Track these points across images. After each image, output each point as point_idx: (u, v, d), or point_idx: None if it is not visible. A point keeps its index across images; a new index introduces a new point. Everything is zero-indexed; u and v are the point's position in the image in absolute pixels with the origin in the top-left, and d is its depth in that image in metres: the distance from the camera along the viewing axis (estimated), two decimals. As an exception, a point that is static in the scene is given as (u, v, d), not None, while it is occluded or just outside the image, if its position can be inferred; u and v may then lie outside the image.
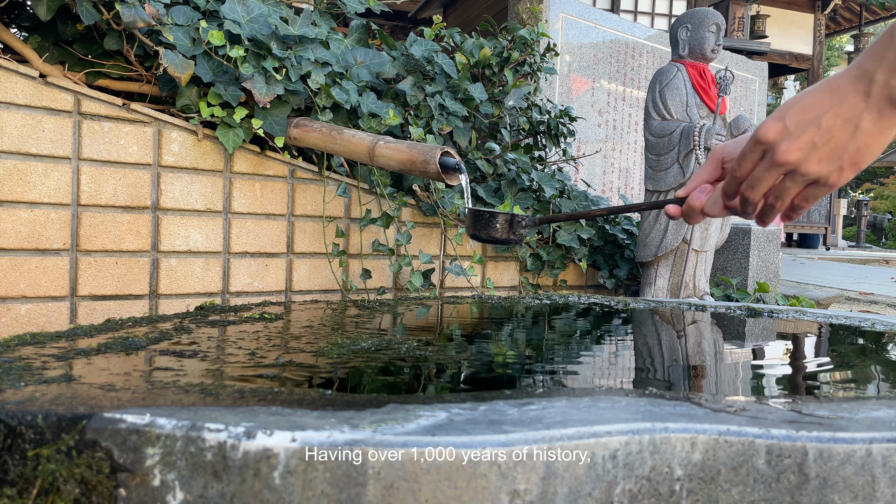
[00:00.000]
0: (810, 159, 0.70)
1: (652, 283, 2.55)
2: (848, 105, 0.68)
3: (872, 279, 5.94)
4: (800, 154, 0.70)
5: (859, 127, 0.68)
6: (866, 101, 0.67)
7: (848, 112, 0.68)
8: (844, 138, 0.69)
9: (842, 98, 0.68)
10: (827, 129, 0.69)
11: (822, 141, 0.69)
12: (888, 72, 0.65)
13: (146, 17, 1.66)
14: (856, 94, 0.68)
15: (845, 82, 0.68)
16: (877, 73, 0.66)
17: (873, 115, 0.67)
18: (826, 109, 0.69)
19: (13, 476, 0.57)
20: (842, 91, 0.68)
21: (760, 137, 0.72)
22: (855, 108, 0.68)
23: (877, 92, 0.66)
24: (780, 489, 0.60)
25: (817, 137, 0.69)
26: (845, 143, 0.69)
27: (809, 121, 0.69)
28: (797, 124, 0.70)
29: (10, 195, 1.58)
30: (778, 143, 0.71)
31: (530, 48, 2.50)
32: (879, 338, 1.31)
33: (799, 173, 0.72)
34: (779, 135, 0.71)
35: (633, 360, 1.03)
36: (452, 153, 1.52)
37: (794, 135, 0.70)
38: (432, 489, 0.54)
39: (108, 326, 1.07)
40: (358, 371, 0.87)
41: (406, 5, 8.55)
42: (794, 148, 0.70)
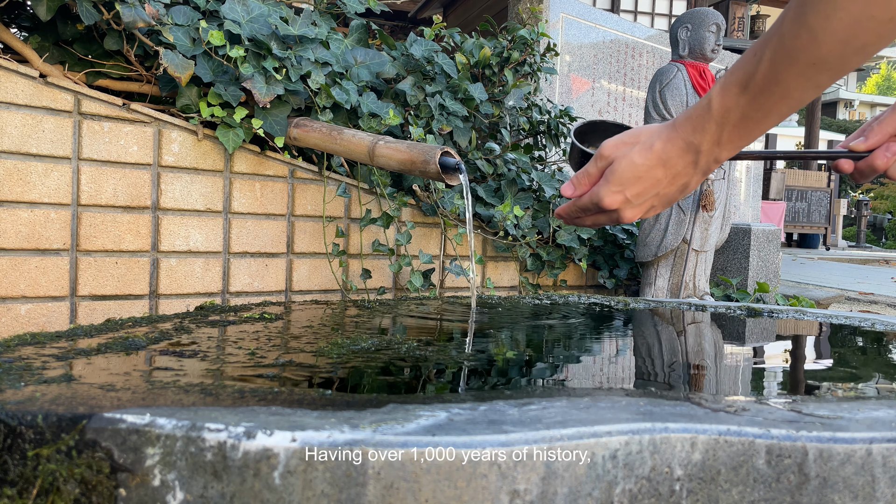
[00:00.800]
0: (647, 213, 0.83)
1: (652, 283, 2.55)
2: (681, 176, 0.77)
3: (872, 279, 5.94)
4: (640, 215, 0.82)
5: (689, 186, 0.79)
6: (695, 168, 0.76)
7: (681, 181, 0.78)
8: (675, 196, 0.80)
9: (674, 171, 0.77)
10: (663, 195, 0.80)
11: (659, 203, 0.81)
12: (711, 143, 0.73)
13: (146, 17, 1.66)
14: (686, 166, 0.76)
15: (674, 156, 0.76)
16: (703, 145, 0.74)
17: (699, 176, 0.78)
18: (661, 182, 0.78)
19: (13, 476, 0.57)
20: (673, 164, 0.77)
21: (606, 206, 0.82)
22: (686, 177, 0.77)
23: (704, 160, 0.75)
24: (780, 489, 0.60)
25: (656, 202, 0.81)
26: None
27: (648, 192, 0.79)
28: (637, 195, 0.79)
29: (10, 195, 1.58)
30: (621, 211, 0.81)
31: (530, 48, 2.50)
32: (879, 338, 1.31)
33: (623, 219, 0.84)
34: (621, 205, 0.81)
35: (633, 360, 1.03)
36: (452, 153, 1.52)
37: (634, 204, 0.80)
38: (432, 489, 0.54)
39: (108, 326, 1.07)
40: (358, 371, 0.87)
41: (406, 5, 8.55)
42: (636, 213, 0.82)
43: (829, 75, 0.64)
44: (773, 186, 10.10)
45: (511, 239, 2.36)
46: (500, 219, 2.26)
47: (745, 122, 0.70)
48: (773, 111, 0.68)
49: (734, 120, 0.70)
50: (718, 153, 0.73)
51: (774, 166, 10.46)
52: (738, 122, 0.70)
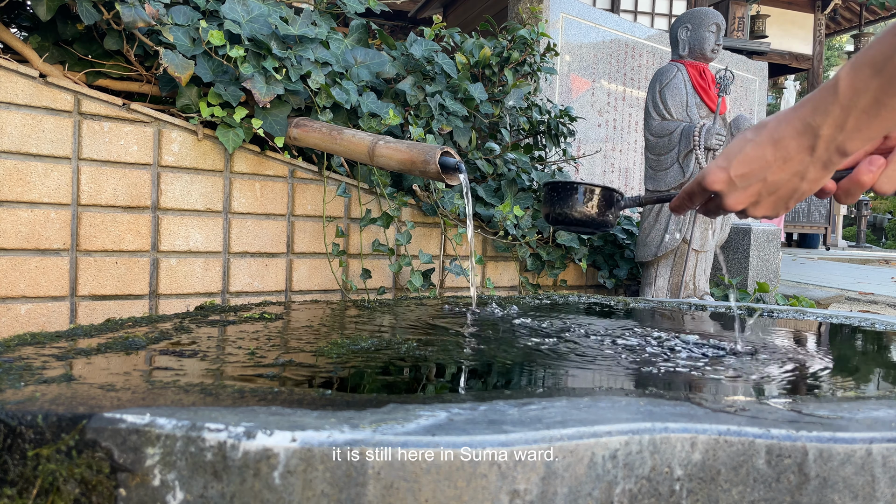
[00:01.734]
0: (757, 207, 0.73)
1: (652, 283, 2.55)
2: (793, 161, 0.68)
3: (872, 279, 5.94)
4: (746, 205, 0.74)
5: (805, 178, 0.69)
6: (811, 156, 0.67)
7: (794, 168, 0.69)
8: (789, 189, 0.70)
9: (786, 153, 0.68)
10: (772, 182, 0.71)
11: (768, 193, 0.71)
12: (833, 128, 0.64)
13: (146, 17, 1.66)
14: (800, 150, 0.67)
15: (788, 136, 0.68)
16: (822, 128, 0.65)
17: (818, 167, 0.68)
18: (770, 164, 0.69)
19: (13, 476, 0.57)
20: (785, 146, 0.68)
21: (708, 185, 0.74)
22: (800, 164, 0.68)
23: (822, 146, 0.66)
24: (780, 489, 0.60)
25: (763, 190, 0.72)
26: (790, 193, 0.71)
27: (754, 174, 0.71)
28: (742, 177, 0.71)
29: (10, 195, 1.58)
30: (725, 195, 0.74)
31: (530, 48, 2.50)
32: (879, 338, 1.31)
33: (746, 215, 0.75)
34: (724, 186, 0.73)
35: (633, 359, 1.03)
36: (452, 153, 1.52)
37: (739, 187, 0.72)
38: (432, 489, 0.54)
39: (108, 326, 1.07)
40: (358, 371, 0.87)
41: (406, 5, 8.55)
42: (741, 200, 0.73)
43: None
44: (773, 186, 10.06)
45: (511, 239, 2.36)
46: (500, 219, 2.26)
47: (877, 108, 0.61)
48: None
49: (864, 104, 0.61)
50: (842, 141, 0.64)
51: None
52: (868, 107, 0.61)
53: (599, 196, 0.82)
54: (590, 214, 0.83)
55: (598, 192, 0.83)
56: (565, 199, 0.84)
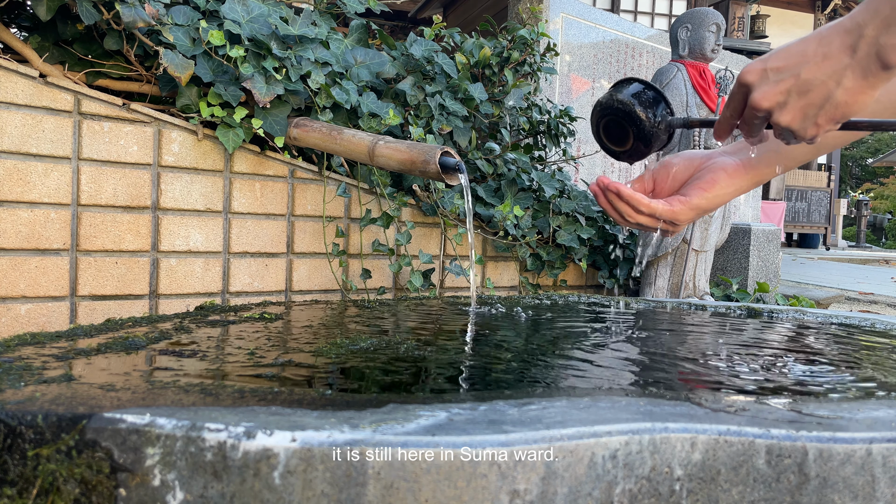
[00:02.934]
0: (784, 110, 0.67)
1: (652, 283, 2.55)
2: (832, 59, 0.63)
3: (872, 279, 5.94)
4: (772, 103, 0.67)
5: (840, 84, 0.63)
6: (852, 57, 0.62)
7: (831, 67, 0.63)
8: (822, 94, 0.64)
9: (827, 49, 0.63)
10: (805, 80, 0.64)
11: (798, 92, 0.65)
12: (879, 27, 0.60)
13: (146, 17, 1.66)
14: (842, 48, 0.62)
15: (834, 33, 0.63)
16: (868, 27, 0.60)
17: (857, 73, 0.62)
18: (808, 59, 0.64)
19: (13, 476, 0.57)
20: (828, 42, 0.63)
21: (740, 78, 0.69)
22: (839, 63, 0.63)
23: (864, 48, 0.61)
24: (780, 489, 0.60)
25: (794, 88, 0.65)
26: (823, 98, 0.64)
27: (789, 68, 0.65)
28: (776, 70, 0.66)
29: (10, 195, 1.58)
30: (755, 87, 0.68)
31: (530, 48, 2.50)
32: (879, 337, 1.31)
33: (773, 122, 0.68)
34: (757, 78, 0.67)
35: (633, 359, 1.03)
36: (452, 153, 1.52)
37: (770, 80, 0.67)
38: (432, 489, 0.54)
39: (108, 326, 1.07)
40: (358, 371, 0.87)
41: (406, 5, 8.55)
42: (768, 96, 0.67)
43: None
44: (773, 186, 10.10)
45: (511, 239, 2.36)
46: (500, 219, 2.26)
47: None
48: None
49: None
50: (885, 45, 0.59)
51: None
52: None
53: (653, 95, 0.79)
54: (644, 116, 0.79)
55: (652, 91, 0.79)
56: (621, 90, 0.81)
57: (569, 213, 2.45)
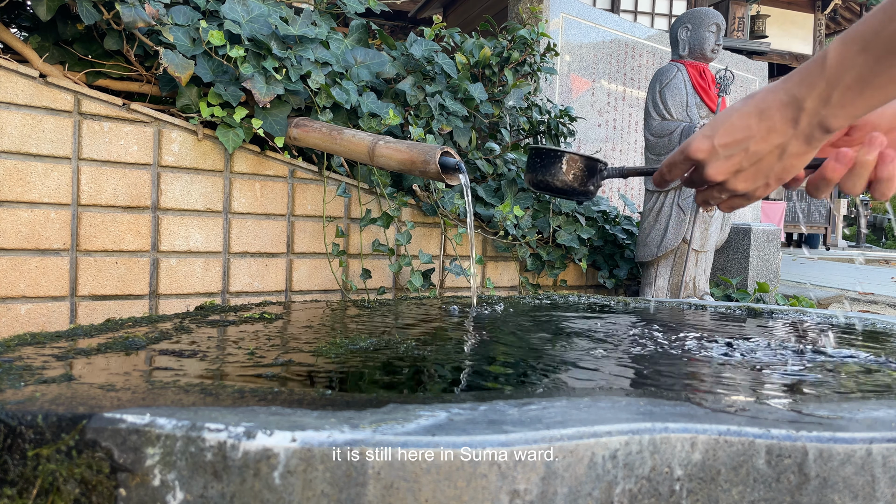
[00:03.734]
0: (737, 179, 0.72)
1: (652, 283, 2.55)
2: (777, 132, 0.68)
3: (872, 279, 5.94)
4: (727, 175, 0.72)
5: (786, 151, 0.68)
6: (794, 128, 0.67)
7: (776, 139, 0.68)
8: (771, 162, 0.70)
9: (770, 124, 0.68)
10: (754, 153, 0.70)
11: (749, 164, 0.71)
12: (818, 101, 0.64)
13: (146, 17, 1.66)
14: (784, 122, 0.67)
15: (773, 107, 0.68)
16: (806, 101, 0.65)
17: (800, 141, 0.67)
18: (753, 134, 0.69)
19: (13, 476, 0.57)
20: (770, 116, 0.68)
21: (691, 154, 0.74)
22: (783, 136, 0.68)
23: (806, 120, 0.66)
24: (780, 489, 0.60)
25: (744, 161, 0.71)
26: (771, 165, 0.70)
27: (737, 143, 0.70)
28: (725, 146, 0.71)
29: (10, 195, 1.58)
30: (707, 163, 0.73)
31: (530, 48, 2.50)
32: (879, 337, 1.31)
33: (726, 189, 0.74)
34: (707, 155, 0.72)
35: (633, 359, 1.03)
36: (452, 153, 1.52)
37: (721, 156, 0.71)
38: (432, 489, 0.54)
39: (108, 326, 1.07)
40: (358, 371, 0.87)
41: (406, 5, 8.55)
42: (722, 170, 0.72)
43: None
44: (773, 186, 10.07)
45: (511, 239, 2.36)
46: (500, 219, 2.26)
47: (861, 85, 0.61)
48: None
49: (849, 80, 0.61)
50: (825, 116, 0.64)
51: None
52: (853, 83, 0.61)
53: (581, 165, 0.82)
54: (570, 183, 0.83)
55: (580, 161, 0.82)
56: (548, 166, 0.84)
57: (569, 213, 2.45)
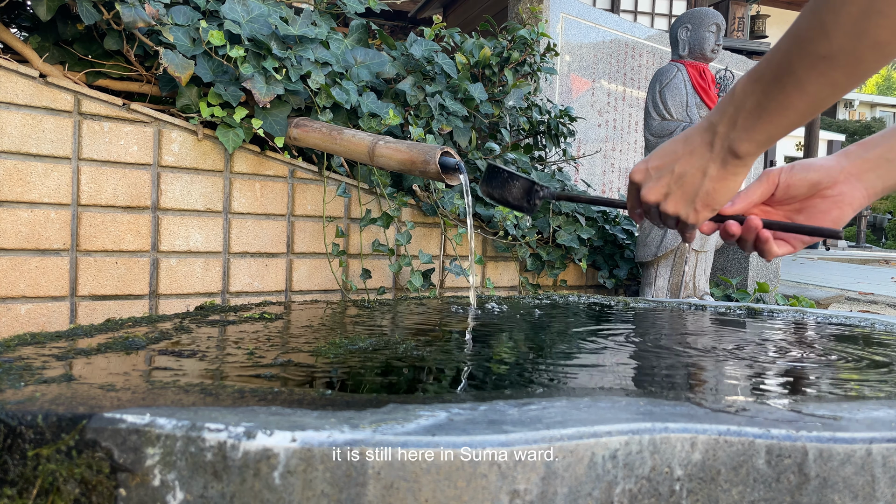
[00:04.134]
0: (668, 201, 0.78)
1: (652, 283, 2.55)
2: (697, 155, 0.75)
3: (872, 279, 5.94)
4: (658, 196, 0.79)
5: (706, 174, 0.75)
6: (711, 151, 0.73)
7: (697, 161, 0.75)
8: (695, 184, 0.76)
9: (692, 148, 0.75)
10: (679, 174, 0.76)
11: (676, 186, 0.77)
12: (727, 125, 0.71)
13: (146, 17, 1.66)
14: (703, 145, 0.74)
15: (696, 133, 0.75)
16: (719, 126, 0.72)
17: (717, 164, 0.74)
18: (679, 157, 0.76)
19: (13, 476, 0.57)
20: (692, 141, 0.75)
21: (630, 177, 0.82)
22: (702, 158, 0.74)
23: (718, 143, 0.73)
24: (780, 489, 0.60)
25: (672, 182, 0.77)
26: (696, 187, 0.76)
27: (665, 166, 0.77)
28: (656, 168, 0.78)
29: (10, 195, 1.58)
30: (641, 185, 0.80)
31: (530, 48, 2.50)
32: (879, 337, 1.31)
33: (661, 211, 0.80)
34: (641, 177, 0.80)
35: (633, 359, 1.03)
36: (452, 153, 1.52)
37: (653, 178, 0.79)
38: (432, 489, 0.54)
39: (108, 326, 1.07)
40: (357, 371, 0.87)
41: (406, 5, 8.55)
42: (654, 191, 0.79)
43: (845, 73, 0.62)
44: (773, 186, 10.07)
45: (511, 239, 2.36)
46: (499, 219, 2.26)
47: (759, 111, 0.68)
48: (787, 105, 0.66)
49: (749, 107, 0.69)
50: (733, 140, 0.71)
51: (774, 165, 10.47)
52: (752, 109, 0.69)
53: (520, 186, 0.98)
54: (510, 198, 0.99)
55: (519, 182, 0.98)
56: (493, 181, 1.01)
57: (569, 213, 2.45)
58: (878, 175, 0.79)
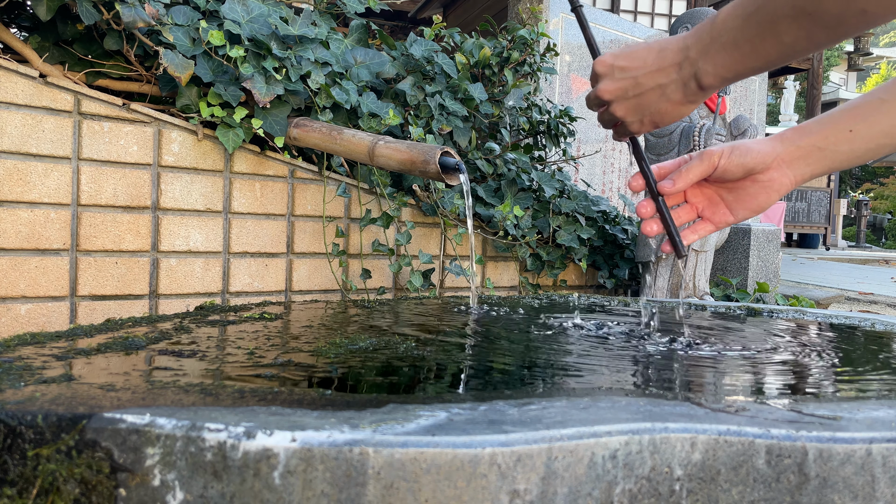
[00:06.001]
0: (619, 104, 0.78)
1: (652, 283, 2.55)
2: (664, 72, 0.74)
3: (872, 279, 5.94)
4: (612, 96, 0.78)
5: (665, 94, 0.74)
6: (678, 72, 0.73)
7: (662, 78, 0.74)
8: (651, 98, 0.75)
9: (661, 63, 0.74)
10: (639, 84, 0.75)
11: (633, 93, 0.76)
12: (699, 51, 0.70)
13: (146, 17, 1.66)
14: (672, 64, 0.73)
15: (670, 49, 0.74)
16: (692, 50, 0.71)
17: (679, 86, 0.73)
18: (647, 67, 0.75)
19: (13, 476, 0.57)
20: (664, 56, 0.74)
21: (595, 65, 0.80)
22: (667, 77, 0.74)
23: (687, 68, 0.72)
24: (780, 489, 0.60)
25: (630, 88, 0.76)
26: (651, 102, 0.76)
27: (631, 69, 0.76)
28: (620, 69, 0.77)
29: (10, 195, 1.58)
30: (601, 78, 0.79)
31: (530, 48, 2.50)
32: (879, 337, 1.31)
33: (608, 111, 0.80)
34: (604, 69, 0.79)
35: (633, 359, 1.03)
36: (452, 153, 1.52)
37: (614, 77, 0.77)
38: (432, 489, 0.54)
39: (108, 326, 1.07)
40: (357, 371, 0.87)
41: (406, 5, 8.55)
42: (609, 89, 0.78)
43: (825, 32, 0.62)
44: (773, 186, 10.06)
45: (511, 239, 2.36)
46: (500, 219, 2.26)
47: (733, 47, 0.68)
48: (761, 49, 0.66)
49: (725, 40, 0.68)
50: (700, 68, 0.70)
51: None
52: (727, 43, 0.68)
53: None
54: None
55: None
56: None
57: (569, 213, 2.45)
58: (807, 163, 0.79)
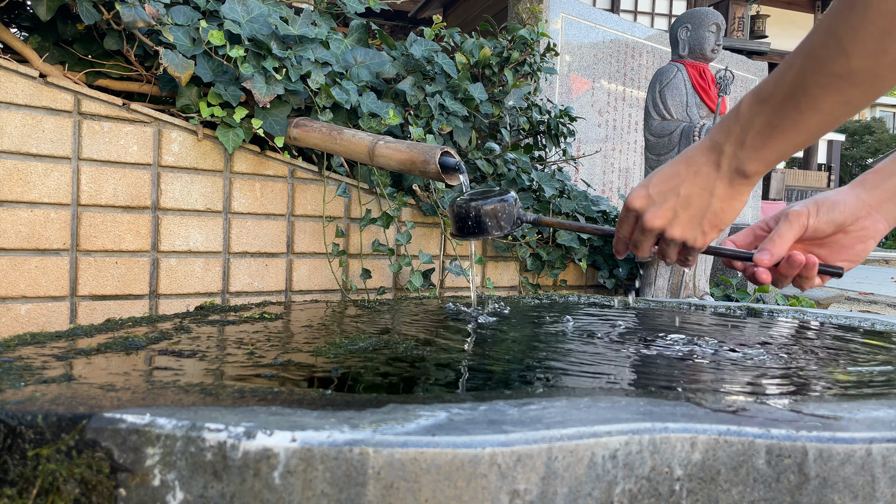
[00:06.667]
0: (674, 225, 0.77)
1: (652, 283, 2.55)
2: (702, 175, 0.74)
3: (872, 279, 5.94)
4: (664, 221, 0.77)
5: (714, 194, 0.74)
6: (717, 171, 0.73)
7: (703, 182, 0.74)
8: (702, 205, 0.75)
9: (696, 168, 0.74)
10: (685, 196, 0.75)
11: (682, 208, 0.76)
12: (734, 145, 0.71)
13: (146, 17, 1.66)
14: (708, 165, 0.73)
15: (699, 154, 0.74)
16: (725, 145, 0.72)
17: (724, 183, 0.73)
18: (683, 179, 0.75)
19: (13, 476, 0.57)
20: (696, 162, 0.74)
21: (629, 204, 0.80)
22: (708, 178, 0.74)
23: (726, 163, 0.72)
24: (780, 489, 0.60)
25: (678, 205, 0.76)
26: (703, 209, 0.75)
27: (670, 189, 0.76)
28: (659, 193, 0.77)
29: (10, 195, 1.58)
30: (644, 211, 0.78)
31: (530, 48, 2.50)
32: (879, 338, 1.31)
33: (666, 237, 0.78)
34: (644, 203, 0.78)
35: (633, 359, 1.03)
36: (452, 153, 1.52)
37: (657, 203, 0.77)
38: (432, 489, 0.54)
39: (108, 326, 1.07)
40: (357, 371, 0.87)
41: (406, 5, 8.55)
42: (658, 216, 0.77)
43: (862, 91, 0.61)
44: (773, 186, 10.10)
45: (511, 239, 2.36)
46: (500, 219, 2.26)
47: (769, 129, 0.68)
48: (800, 123, 0.66)
49: (758, 126, 0.68)
50: (742, 159, 0.71)
51: (774, 166, 10.48)
52: (762, 128, 0.68)
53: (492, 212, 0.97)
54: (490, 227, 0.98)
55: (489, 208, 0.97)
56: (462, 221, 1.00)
57: (569, 213, 2.45)
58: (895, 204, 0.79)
